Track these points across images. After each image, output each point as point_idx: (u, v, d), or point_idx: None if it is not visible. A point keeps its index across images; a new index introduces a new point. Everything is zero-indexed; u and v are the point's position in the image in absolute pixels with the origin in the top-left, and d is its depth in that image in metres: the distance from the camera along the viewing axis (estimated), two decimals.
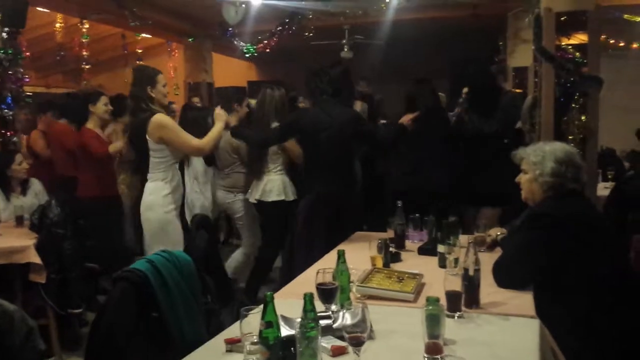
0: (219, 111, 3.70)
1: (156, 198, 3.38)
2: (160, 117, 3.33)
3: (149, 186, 3.43)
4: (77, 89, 10.20)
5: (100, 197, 4.64)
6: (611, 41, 7.56)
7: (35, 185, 4.54)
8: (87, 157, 4.66)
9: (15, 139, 4.90)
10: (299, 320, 1.55)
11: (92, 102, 4.63)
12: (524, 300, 2.15)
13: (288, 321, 1.75)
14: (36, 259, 3.43)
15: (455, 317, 1.96)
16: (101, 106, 4.64)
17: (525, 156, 2.52)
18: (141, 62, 8.89)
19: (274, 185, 4.23)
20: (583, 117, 4.24)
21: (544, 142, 2.64)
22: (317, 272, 1.95)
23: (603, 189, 4.74)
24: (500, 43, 7.55)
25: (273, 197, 4.22)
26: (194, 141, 3.44)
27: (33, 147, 5.53)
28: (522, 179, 2.53)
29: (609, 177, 5.27)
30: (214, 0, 6.37)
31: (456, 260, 2.46)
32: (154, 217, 3.38)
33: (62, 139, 5.26)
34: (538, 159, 2.44)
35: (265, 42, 7.58)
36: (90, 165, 4.68)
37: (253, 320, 1.60)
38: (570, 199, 2.39)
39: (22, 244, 3.50)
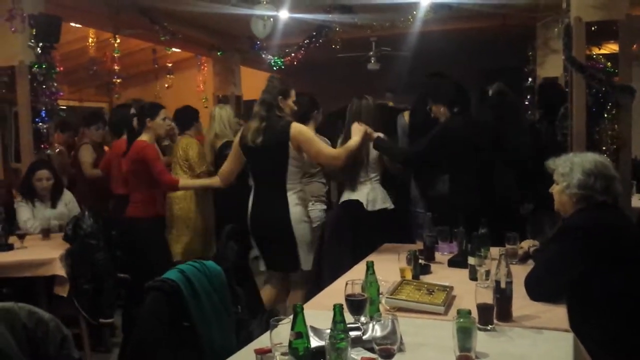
0: (357, 126, 3.56)
1: (303, 209, 3.36)
2: (299, 125, 3.31)
3: (292, 197, 3.31)
4: (108, 102, 10.46)
5: (158, 217, 4.27)
6: None
7: (66, 195, 4.51)
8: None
9: (48, 151, 4.98)
10: (329, 331, 1.55)
11: (150, 116, 4.06)
12: (558, 314, 2.11)
13: (317, 332, 1.75)
14: (61, 271, 3.46)
15: (487, 330, 1.94)
16: (160, 121, 4.09)
17: (555, 167, 2.48)
18: (171, 76, 9.06)
19: (377, 193, 4.01)
20: (616, 127, 4.18)
21: (574, 153, 2.59)
22: (346, 284, 1.95)
23: (637, 201, 4.64)
24: (530, 53, 7.46)
25: (379, 205, 3.99)
26: (329, 150, 3.40)
27: (81, 161, 5.32)
28: (554, 189, 2.49)
29: None
30: (242, 15, 6.45)
31: (487, 273, 2.43)
32: (306, 230, 3.33)
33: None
34: (566, 171, 2.40)
35: (293, 54, 7.64)
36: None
37: (283, 331, 1.60)
38: (602, 211, 2.34)
39: (48, 257, 3.53)
